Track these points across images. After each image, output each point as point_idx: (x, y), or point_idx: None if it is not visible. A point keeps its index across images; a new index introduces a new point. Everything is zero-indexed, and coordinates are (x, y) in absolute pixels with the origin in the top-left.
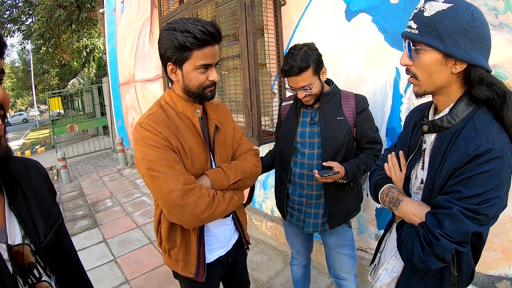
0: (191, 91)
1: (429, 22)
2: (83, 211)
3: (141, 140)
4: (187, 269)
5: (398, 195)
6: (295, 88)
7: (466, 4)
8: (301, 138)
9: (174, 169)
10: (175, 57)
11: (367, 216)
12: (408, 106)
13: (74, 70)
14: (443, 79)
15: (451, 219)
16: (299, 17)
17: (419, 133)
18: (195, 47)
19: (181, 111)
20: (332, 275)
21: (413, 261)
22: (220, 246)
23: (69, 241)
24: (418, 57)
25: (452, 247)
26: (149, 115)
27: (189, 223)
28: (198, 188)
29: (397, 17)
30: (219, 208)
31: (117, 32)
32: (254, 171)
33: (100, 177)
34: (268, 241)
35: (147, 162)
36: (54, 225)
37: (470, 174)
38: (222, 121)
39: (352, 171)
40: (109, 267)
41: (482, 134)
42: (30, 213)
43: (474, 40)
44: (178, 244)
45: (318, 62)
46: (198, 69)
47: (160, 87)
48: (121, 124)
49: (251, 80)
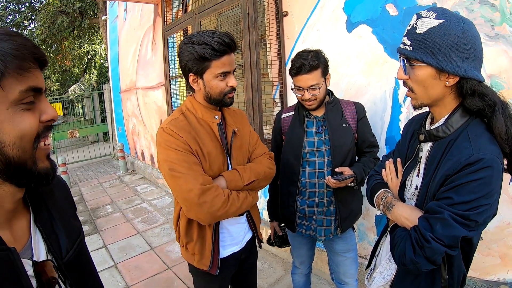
0: (212, 98)
1: (422, 39)
2: (83, 216)
3: (164, 143)
4: (202, 262)
5: (391, 200)
6: (303, 87)
7: (457, 18)
8: (309, 147)
9: (193, 170)
10: (195, 68)
11: (366, 223)
12: (407, 115)
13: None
14: (437, 92)
15: (442, 224)
16: (301, 28)
17: (416, 141)
18: (213, 57)
19: (201, 117)
20: (335, 281)
21: (405, 262)
22: (234, 243)
23: (88, 256)
24: (413, 72)
25: (442, 250)
26: (171, 121)
27: (205, 220)
28: (214, 188)
29: (396, 28)
30: (233, 207)
31: (120, 39)
32: (268, 173)
33: (100, 183)
34: (268, 248)
35: (169, 163)
36: (76, 240)
37: (461, 182)
38: (239, 126)
39: (360, 174)
40: (109, 273)
41: (474, 144)
42: (54, 229)
43: (465, 53)
44: (195, 238)
45: (326, 65)
46: (218, 77)
47: (162, 94)
48: (121, 131)
49: (253, 90)
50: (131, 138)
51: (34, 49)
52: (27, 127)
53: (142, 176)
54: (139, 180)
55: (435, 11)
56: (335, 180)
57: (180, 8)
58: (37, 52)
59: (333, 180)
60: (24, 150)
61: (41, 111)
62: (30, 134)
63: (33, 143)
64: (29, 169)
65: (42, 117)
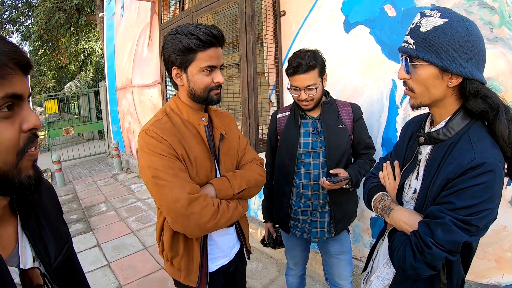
0: (196, 94)
1: (426, 38)
2: (77, 215)
3: (146, 147)
4: (189, 278)
5: (390, 203)
6: (299, 87)
7: (462, 18)
8: (304, 148)
9: (180, 177)
10: (179, 60)
11: (362, 225)
12: (404, 117)
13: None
14: (439, 93)
15: (443, 229)
16: (298, 28)
17: (415, 144)
18: (199, 48)
19: (186, 119)
20: (329, 283)
21: (405, 268)
22: (223, 256)
23: (76, 262)
24: (415, 72)
25: (443, 256)
26: (155, 122)
27: (193, 233)
28: (203, 198)
29: (395, 29)
30: (223, 218)
31: (116, 37)
32: (259, 181)
33: (94, 181)
34: (262, 249)
35: (152, 170)
36: (64, 246)
37: (463, 186)
38: (227, 130)
39: (355, 176)
40: (102, 272)
41: (476, 147)
42: (42, 235)
43: (470, 54)
44: (181, 253)
45: (323, 65)
46: (203, 71)
47: (157, 93)
48: (117, 129)
49: (249, 89)
50: (126, 136)
51: (13, 54)
52: (5, 138)
53: (137, 174)
54: (134, 178)
55: (440, 10)
56: (330, 182)
57: (177, 6)
58: (17, 57)
59: (327, 182)
60: (5, 162)
61: (23, 119)
62: (10, 145)
63: (16, 155)
64: (10, 179)
65: (23, 126)
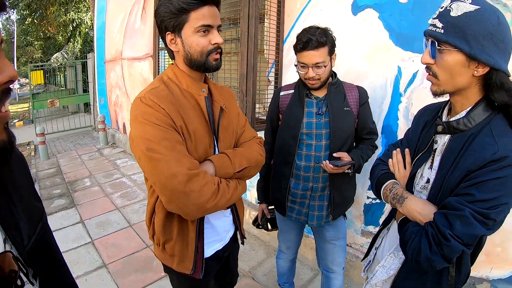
0: (193, 59)
1: (456, 23)
2: (60, 189)
3: (141, 116)
4: (183, 265)
5: (402, 192)
6: (307, 64)
7: (492, 7)
8: (307, 129)
9: (177, 151)
10: (172, 23)
11: (354, 211)
12: (407, 105)
13: (59, 44)
14: (463, 81)
15: (461, 221)
16: (304, 6)
17: (430, 132)
18: (191, 6)
19: (185, 88)
20: (322, 268)
21: (419, 260)
22: (218, 239)
23: (52, 240)
24: (441, 57)
25: (460, 249)
26: (151, 90)
27: (191, 213)
28: (202, 174)
29: (405, 16)
30: (223, 198)
31: (108, 8)
32: (259, 160)
33: (79, 155)
34: (250, 230)
35: (146, 141)
36: (38, 225)
37: (484, 179)
38: (227, 104)
39: (358, 161)
40: (86, 250)
41: (499, 140)
42: (13, 214)
43: (499, 44)
44: (175, 236)
45: (333, 44)
46: (198, 31)
47: (148, 66)
48: (104, 102)
49: (248, 66)
50: (113, 110)
51: None
52: None
53: (123, 149)
54: (119, 153)
55: None
56: (333, 166)
57: None
58: None
59: (330, 165)
60: None
61: None
62: None
63: None
64: None
65: None
